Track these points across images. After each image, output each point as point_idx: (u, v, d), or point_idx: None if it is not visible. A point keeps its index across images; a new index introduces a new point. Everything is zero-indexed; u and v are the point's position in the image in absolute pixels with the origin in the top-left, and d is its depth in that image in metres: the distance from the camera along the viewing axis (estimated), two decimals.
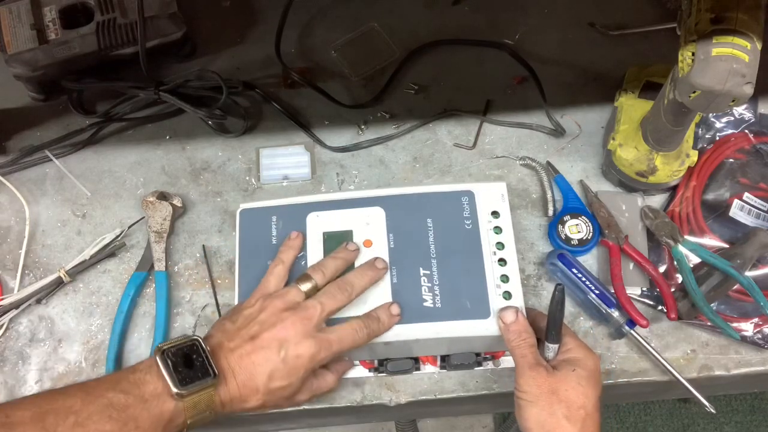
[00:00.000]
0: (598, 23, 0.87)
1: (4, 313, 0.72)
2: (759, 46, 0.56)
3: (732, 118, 0.79)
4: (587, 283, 0.69)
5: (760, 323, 0.69)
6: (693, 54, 0.57)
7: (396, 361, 0.67)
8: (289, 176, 0.80)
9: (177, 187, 0.80)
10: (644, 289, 0.72)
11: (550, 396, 0.57)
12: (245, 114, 0.82)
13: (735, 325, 0.69)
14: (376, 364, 0.68)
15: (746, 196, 0.74)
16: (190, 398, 0.55)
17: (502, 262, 0.67)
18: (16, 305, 0.72)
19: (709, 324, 0.69)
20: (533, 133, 0.81)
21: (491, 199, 0.69)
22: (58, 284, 0.74)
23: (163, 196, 0.76)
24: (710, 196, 0.75)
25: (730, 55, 0.55)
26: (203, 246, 0.76)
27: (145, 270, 0.74)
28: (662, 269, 0.72)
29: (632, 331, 0.67)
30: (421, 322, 0.64)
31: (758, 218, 0.73)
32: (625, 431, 1.51)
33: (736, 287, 0.69)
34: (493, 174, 0.79)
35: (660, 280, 0.70)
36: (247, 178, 0.80)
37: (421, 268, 0.66)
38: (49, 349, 0.72)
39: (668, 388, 0.71)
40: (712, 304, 0.69)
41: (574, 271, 0.70)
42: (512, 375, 0.68)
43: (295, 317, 0.60)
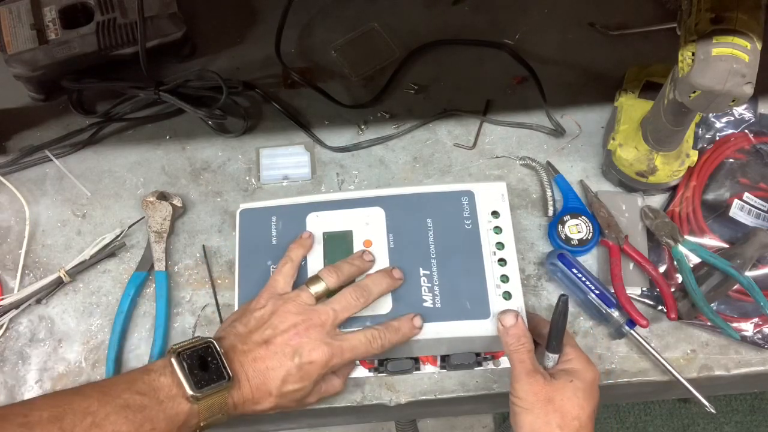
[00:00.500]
0: (598, 23, 0.87)
1: (4, 313, 0.72)
2: (759, 46, 0.56)
3: (732, 118, 0.79)
4: (587, 283, 0.69)
5: (760, 323, 0.69)
6: (693, 54, 0.57)
7: (396, 361, 0.67)
8: (289, 176, 0.80)
9: (177, 187, 0.80)
10: (644, 289, 0.72)
11: (546, 404, 0.56)
12: (245, 114, 0.82)
13: (735, 325, 0.69)
14: (376, 364, 0.68)
15: (746, 196, 0.74)
16: (205, 401, 0.55)
17: (502, 262, 0.67)
18: (16, 305, 0.72)
19: (709, 324, 0.69)
20: (533, 133, 0.81)
21: (491, 199, 0.69)
22: (58, 284, 0.74)
23: (163, 196, 0.76)
24: (710, 196, 0.75)
25: (730, 55, 0.55)
26: (203, 246, 0.76)
27: (145, 270, 0.74)
28: (662, 269, 0.72)
29: (632, 331, 0.67)
30: None
31: (758, 218, 0.73)
32: (625, 431, 1.51)
33: (736, 287, 0.69)
34: (493, 174, 0.79)
35: (660, 280, 0.70)
36: (247, 178, 0.80)
37: (421, 269, 0.66)
38: (49, 349, 0.72)
39: (668, 388, 0.71)
40: (712, 304, 0.69)
41: (574, 271, 0.70)
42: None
43: (309, 323, 0.59)
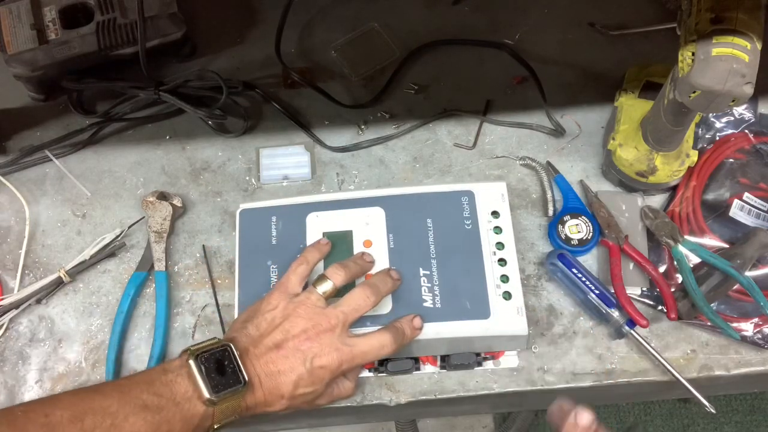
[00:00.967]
0: (598, 23, 0.87)
1: (4, 313, 0.72)
2: (759, 46, 0.56)
3: (732, 118, 0.79)
4: (587, 283, 0.69)
5: (760, 323, 0.69)
6: (693, 54, 0.57)
7: (396, 361, 0.67)
8: (289, 176, 0.80)
9: (177, 187, 0.80)
10: (644, 289, 0.72)
11: None
12: (245, 114, 0.82)
13: (735, 325, 0.69)
14: (376, 364, 0.68)
15: (746, 196, 0.74)
16: (221, 404, 0.55)
17: (502, 262, 0.67)
18: (16, 305, 0.72)
19: (709, 324, 0.69)
20: (533, 133, 0.81)
21: (491, 199, 0.69)
22: (58, 284, 0.74)
23: (163, 196, 0.76)
24: (710, 196, 0.75)
25: (730, 55, 0.55)
26: (203, 246, 0.76)
27: (145, 270, 0.74)
28: (662, 269, 0.72)
29: (632, 331, 0.67)
30: None
31: (758, 218, 0.73)
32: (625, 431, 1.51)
33: (736, 287, 0.69)
34: (493, 174, 0.79)
35: (660, 280, 0.70)
36: (247, 178, 0.80)
37: (421, 269, 0.66)
38: (49, 349, 0.72)
39: (668, 388, 0.71)
40: (712, 304, 0.69)
41: (574, 271, 0.69)
42: (512, 375, 0.68)
43: (319, 328, 0.60)
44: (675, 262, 0.71)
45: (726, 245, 0.72)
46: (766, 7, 0.57)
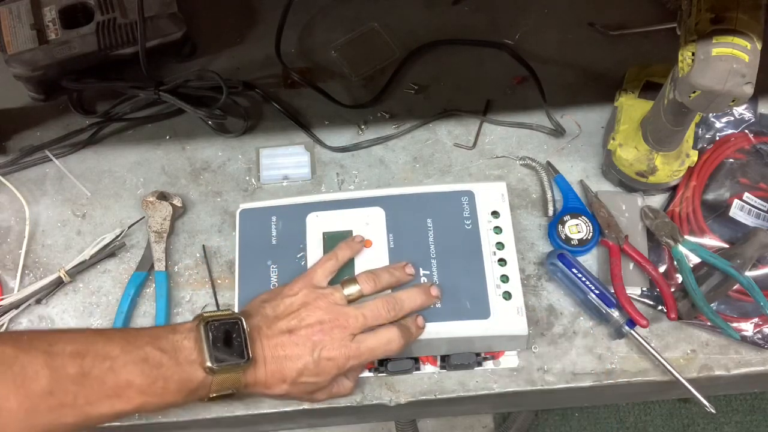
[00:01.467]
0: (598, 23, 0.87)
1: (4, 313, 0.72)
2: (759, 46, 0.56)
3: (732, 118, 0.79)
4: (587, 283, 0.69)
5: (760, 323, 0.69)
6: (693, 54, 0.57)
7: (396, 361, 0.67)
8: (289, 176, 0.80)
9: (177, 187, 0.80)
10: (644, 289, 0.72)
11: None
12: (245, 114, 0.82)
13: (735, 325, 0.69)
14: (376, 364, 0.68)
15: (746, 196, 0.74)
16: (220, 375, 0.55)
17: (502, 262, 0.67)
18: (16, 305, 0.72)
19: (709, 324, 0.69)
20: (533, 133, 0.81)
21: (491, 199, 0.69)
22: (58, 284, 0.74)
23: (163, 196, 0.76)
24: (710, 196, 0.75)
25: (730, 55, 0.55)
26: (203, 246, 0.76)
27: (145, 270, 0.74)
28: (662, 269, 0.72)
29: (632, 331, 0.67)
30: None
31: (758, 218, 0.73)
32: (625, 431, 1.51)
33: (736, 287, 0.69)
34: (493, 174, 0.79)
35: (660, 280, 0.70)
36: (247, 178, 0.80)
37: (421, 269, 0.66)
38: None
39: (668, 388, 0.71)
40: (712, 304, 0.69)
41: (574, 271, 0.69)
42: (512, 375, 0.68)
43: (335, 323, 0.60)
44: (675, 262, 0.71)
45: (726, 245, 0.72)
46: (766, 7, 0.57)
